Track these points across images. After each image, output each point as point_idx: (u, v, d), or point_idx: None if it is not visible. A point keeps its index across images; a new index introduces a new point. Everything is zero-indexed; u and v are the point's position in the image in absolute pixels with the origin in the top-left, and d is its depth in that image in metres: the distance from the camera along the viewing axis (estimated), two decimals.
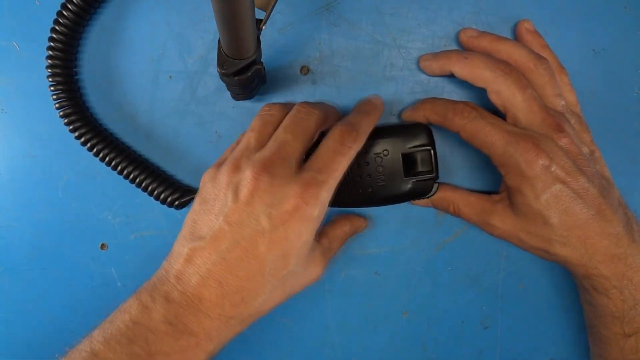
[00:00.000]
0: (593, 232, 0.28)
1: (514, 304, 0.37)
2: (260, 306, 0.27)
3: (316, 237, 0.30)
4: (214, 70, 0.34)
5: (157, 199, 0.34)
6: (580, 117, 0.32)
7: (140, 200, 0.35)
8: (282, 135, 0.27)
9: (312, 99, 0.34)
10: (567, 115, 0.30)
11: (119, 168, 0.33)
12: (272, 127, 0.29)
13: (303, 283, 0.29)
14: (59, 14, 0.31)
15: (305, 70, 0.34)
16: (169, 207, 0.34)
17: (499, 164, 0.29)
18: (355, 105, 0.32)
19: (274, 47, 0.34)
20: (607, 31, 0.34)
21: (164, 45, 0.34)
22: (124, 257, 0.36)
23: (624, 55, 0.34)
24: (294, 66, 0.34)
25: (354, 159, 0.28)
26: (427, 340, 0.37)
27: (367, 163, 0.32)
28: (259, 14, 0.25)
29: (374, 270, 0.36)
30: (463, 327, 0.37)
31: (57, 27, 0.32)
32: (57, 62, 0.32)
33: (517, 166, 0.28)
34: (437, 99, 0.33)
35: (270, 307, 0.28)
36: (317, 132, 0.29)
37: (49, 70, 0.32)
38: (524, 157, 0.28)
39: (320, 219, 0.27)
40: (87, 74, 0.34)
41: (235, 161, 0.27)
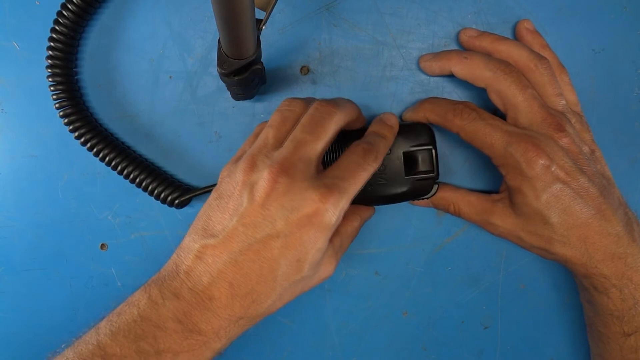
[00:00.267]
0: (593, 231, 0.28)
1: (514, 304, 0.37)
2: (270, 307, 0.27)
3: None
4: (214, 70, 0.34)
5: (157, 198, 0.34)
6: (581, 116, 0.32)
7: (140, 200, 0.35)
8: (301, 135, 0.26)
9: None
10: (568, 114, 0.30)
11: (119, 168, 0.33)
12: (291, 124, 0.28)
13: (314, 283, 0.29)
14: (59, 14, 0.31)
15: (305, 70, 0.34)
16: (169, 206, 0.34)
17: (500, 164, 0.29)
18: (373, 123, 0.31)
19: (274, 47, 0.34)
20: (607, 31, 0.34)
21: (164, 45, 0.34)
22: (124, 257, 0.36)
23: (624, 55, 0.34)
24: (294, 66, 0.34)
25: None
26: (427, 340, 0.37)
27: None
28: (259, 14, 0.25)
29: (374, 270, 0.36)
30: (463, 327, 0.37)
31: (57, 27, 0.32)
32: (57, 62, 0.32)
33: (518, 166, 0.28)
34: (437, 99, 0.33)
35: (279, 307, 0.28)
36: (337, 132, 0.28)
37: (49, 70, 0.32)
38: (524, 157, 0.28)
39: (335, 228, 0.26)
40: (87, 74, 0.34)
41: (253, 158, 0.26)
